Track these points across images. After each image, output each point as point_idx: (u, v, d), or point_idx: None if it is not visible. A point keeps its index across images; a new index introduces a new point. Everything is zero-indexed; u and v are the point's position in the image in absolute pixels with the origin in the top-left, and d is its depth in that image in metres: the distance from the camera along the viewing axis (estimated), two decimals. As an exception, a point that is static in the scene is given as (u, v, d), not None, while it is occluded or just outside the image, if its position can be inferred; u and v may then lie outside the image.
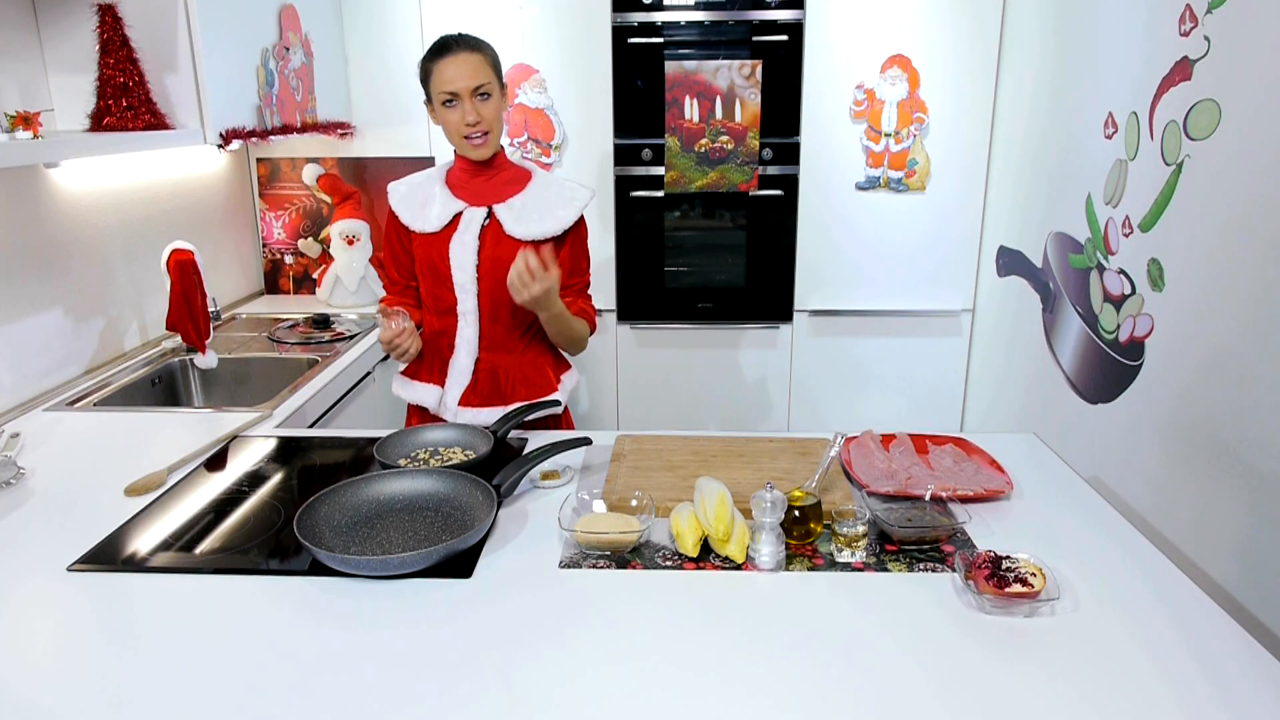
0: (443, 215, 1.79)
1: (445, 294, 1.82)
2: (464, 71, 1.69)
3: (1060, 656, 1.07)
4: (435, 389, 1.88)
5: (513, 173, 1.84)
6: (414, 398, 1.89)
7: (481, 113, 1.72)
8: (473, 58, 1.71)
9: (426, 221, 1.80)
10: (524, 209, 1.79)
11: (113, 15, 2.07)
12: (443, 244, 1.79)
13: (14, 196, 2.00)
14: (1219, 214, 1.82)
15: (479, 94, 1.71)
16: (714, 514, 1.28)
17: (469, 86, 1.70)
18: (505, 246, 1.78)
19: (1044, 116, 2.69)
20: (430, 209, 1.80)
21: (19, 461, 1.66)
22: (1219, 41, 1.82)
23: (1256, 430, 1.70)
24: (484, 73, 1.71)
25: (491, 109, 1.74)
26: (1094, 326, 2.35)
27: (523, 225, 1.78)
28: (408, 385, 1.91)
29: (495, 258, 1.78)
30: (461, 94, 1.70)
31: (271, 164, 3.14)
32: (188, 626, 1.14)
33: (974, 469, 1.56)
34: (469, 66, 1.70)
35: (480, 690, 1.02)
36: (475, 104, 1.71)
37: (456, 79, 1.69)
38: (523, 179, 1.84)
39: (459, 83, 1.69)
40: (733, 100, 2.98)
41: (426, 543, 1.32)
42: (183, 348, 2.38)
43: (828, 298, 3.21)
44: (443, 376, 1.88)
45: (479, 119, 1.72)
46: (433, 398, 1.88)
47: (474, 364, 1.84)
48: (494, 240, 1.78)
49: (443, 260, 1.79)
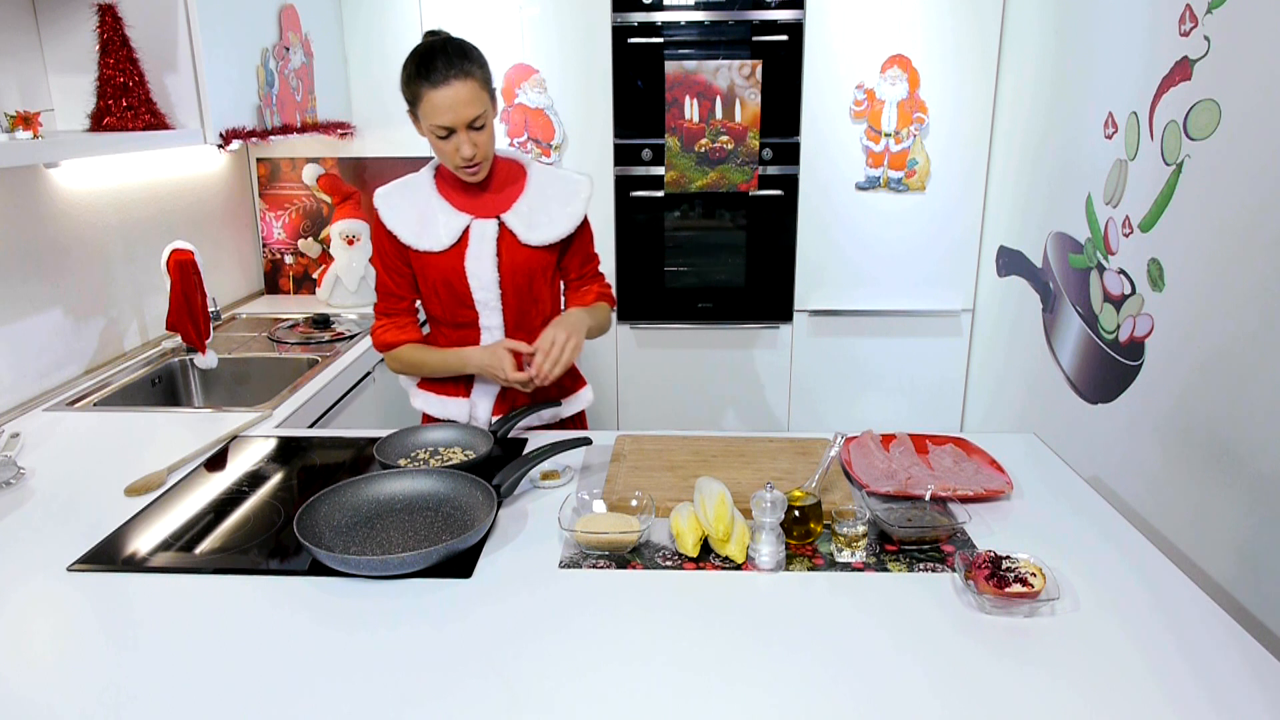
0: (450, 232, 1.69)
1: (464, 311, 1.75)
2: (457, 103, 1.55)
3: (1060, 656, 1.07)
4: (464, 401, 1.82)
5: (506, 171, 1.75)
6: (443, 412, 1.82)
7: (478, 142, 1.61)
8: (465, 87, 1.55)
9: (433, 240, 1.69)
10: (531, 213, 1.72)
11: (113, 15, 2.07)
12: (456, 261, 1.70)
13: (14, 196, 2.00)
14: (1219, 214, 1.82)
15: (474, 125, 1.59)
16: (714, 514, 1.28)
17: (463, 121, 1.57)
18: (521, 254, 1.72)
19: (1044, 116, 2.69)
20: (433, 225, 1.70)
21: (19, 461, 1.66)
22: (1219, 41, 1.82)
23: (1256, 430, 1.70)
24: (478, 101, 1.57)
25: (486, 136, 1.62)
26: (1094, 326, 2.35)
27: (535, 231, 1.71)
28: (433, 400, 1.83)
29: (514, 267, 1.72)
30: (457, 128, 1.58)
31: (271, 164, 3.14)
32: (188, 626, 1.14)
33: (974, 469, 1.56)
34: (462, 97, 1.55)
35: (480, 690, 1.02)
36: (470, 136, 1.59)
37: (450, 113, 1.56)
38: (518, 175, 1.76)
39: (452, 116, 1.56)
40: (733, 100, 2.98)
41: (426, 543, 1.32)
42: (183, 348, 2.38)
43: (828, 298, 3.21)
44: (468, 388, 1.81)
45: (474, 151, 1.61)
46: (463, 411, 1.81)
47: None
48: (509, 250, 1.72)
49: (459, 279, 1.71)
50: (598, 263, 1.89)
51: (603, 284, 1.89)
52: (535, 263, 1.74)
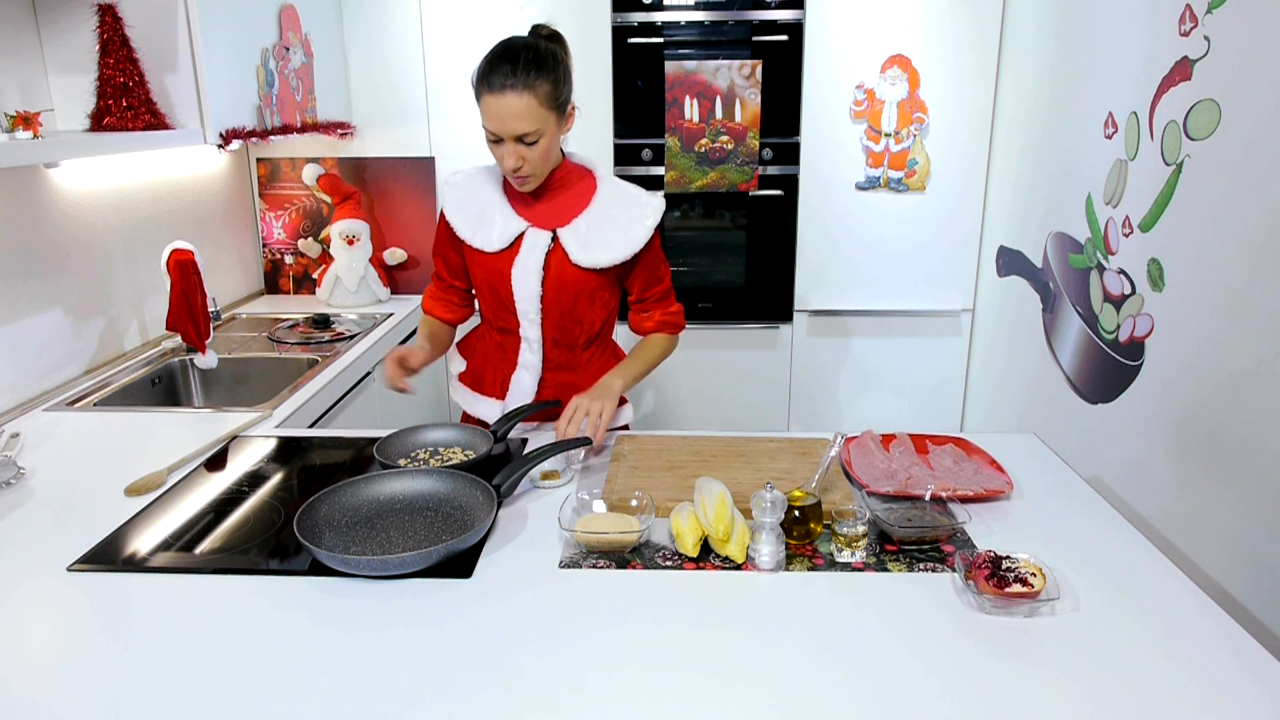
0: (504, 235, 1.67)
1: (507, 316, 1.74)
2: (508, 116, 1.53)
3: (1060, 656, 1.07)
4: (496, 403, 1.82)
5: (576, 186, 1.70)
6: (476, 411, 1.83)
7: (525, 156, 1.57)
8: (520, 101, 1.52)
9: (487, 240, 1.68)
10: (589, 232, 1.67)
11: (113, 15, 2.07)
12: (504, 265, 1.68)
13: (14, 196, 2.00)
14: (1219, 214, 1.82)
15: (523, 140, 1.56)
16: (714, 514, 1.28)
17: (511, 134, 1.54)
18: (571, 274, 1.68)
19: (1044, 116, 2.69)
20: (490, 225, 1.68)
21: (19, 461, 1.65)
22: (1219, 41, 1.82)
23: (1256, 430, 1.70)
24: (531, 118, 1.53)
25: (538, 152, 1.58)
26: (1094, 326, 2.35)
27: (589, 252, 1.66)
28: (470, 397, 1.85)
29: (561, 284, 1.68)
30: (504, 137, 1.56)
31: (271, 164, 3.14)
32: (188, 626, 1.14)
33: (974, 469, 1.56)
34: (515, 110, 1.52)
35: (480, 690, 1.02)
36: (517, 149, 1.56)
37: (498, 122, 1.54)
38: (588, 190, 1.71)
39: (500, 126, 1.54)
40: (733, 100, 2.98)
41: (426, 543, 1.32)
42: (183, 348, 2.38)
43: (828, 298, 3.21)
44: (504, 390, 1.81)
45: (520, 164, 1.58)
46: (494, 412, 1.81)
47: (537, 384, 1.79)
48: (559, 265, 1.68)
49: (504, 284, 1.69)
50: (665, 286, 1.80)
51: (667, 309, 1.80)
52: (584, 284, 1.70)
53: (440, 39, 3.07)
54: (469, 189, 1.73)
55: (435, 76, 3.09)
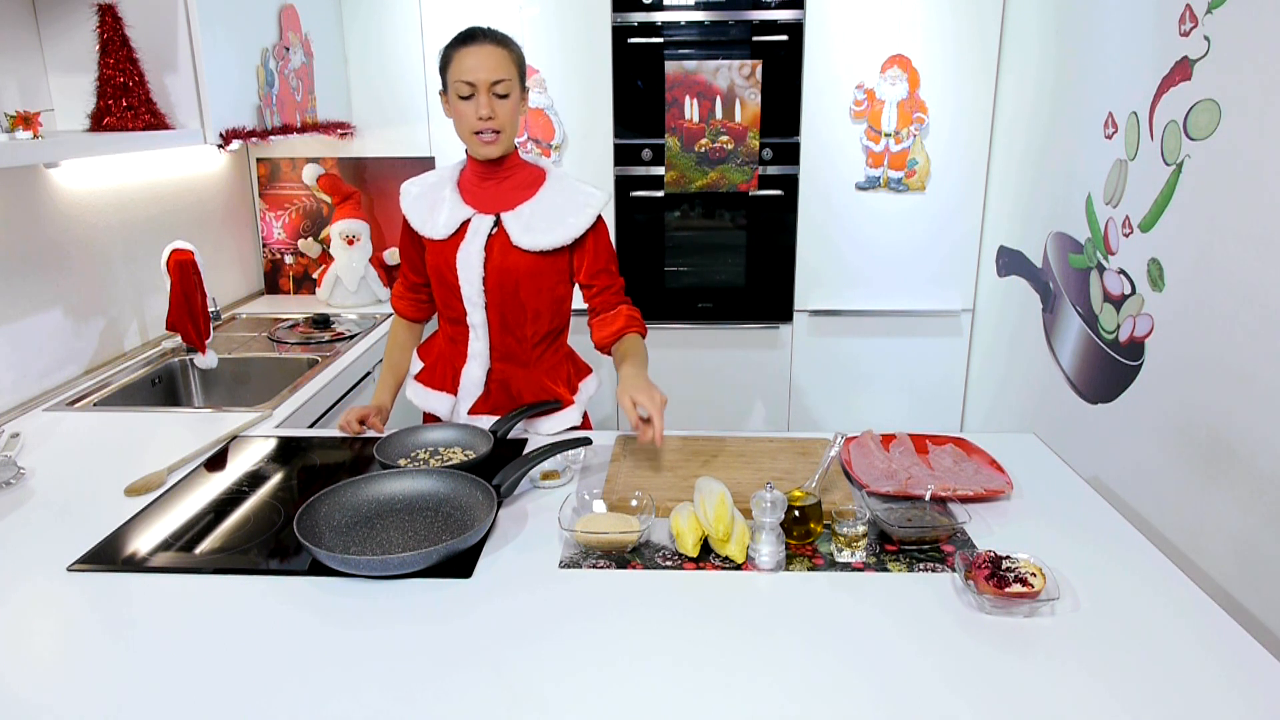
0: (450, 222, 1.73)
1: (455, 303, 1.78)
2: (485, 64, 1.63)
3: (1060, 656, 1.07)
4: (448, 398, 1.85)
5: (524, 175, 1.76)
6: (428, 406, 1.87)
7: (496, 109, 1.65)
8: (496, 51, 1.64)
9: (435, 228, 1.74)
10: (533, 217, 1.72)
11: (113, 15, 2.07)
12: (450, 253, 1.73)
13: (14, 196, 2.00)
14: (1219, 214, 1.82)
15: (496, 90, 1.64)
16: (714, 514, 1.28)
17: (487, 80, 1.63)
18: (513, 257, 1.72)
19: (1044, 116, 2.69)
20: (439, 214, 1.75)
21: (19, 461, 1.66)
22: (1219, 41, 1.82)
23: (1256, 430, 1.70)
24: (505, 68, 1.64)
25: (507, 108, 1.67)
26: (1094, 326, 2.35)
27: (531, 235, 1.71)
28: (422, 392, 1.88)
29: (503, 269, 1.72)
30: (479, 86, 1.63)
31: (271, 164, 3.14)
32: (188, 626, 1.14)
33: (974, 469, 1.56)
34: (491, 59, 1.63)
35: (480, 689, 1.02)
36: (491, 100, 1.64)
37: (476, 69, 1.63)
38: (535, 182, 1.76)
39: (478, 74, 1.62)
40: (733, 100, 2.98)
41: (426, 543, 1.32)
42: (183, 348, 2.38)
43: (828, 298, 3.21)
44: (455, 385, 1.84)
45: (492, 115, 1.65)
46: (445, 406, 1.85)
47: (486, 375, 1.81)
48: (501, 251, 1.72)
49: (450, 270, 1.74)
50: (620, 284, 1.83)
51: (629, 307, 1.83)
52: (525, 268, 1.72)
53: (440, 39, 3.06)
54: (425, 189, 1.82)
55: (435, 76, 3.09)
